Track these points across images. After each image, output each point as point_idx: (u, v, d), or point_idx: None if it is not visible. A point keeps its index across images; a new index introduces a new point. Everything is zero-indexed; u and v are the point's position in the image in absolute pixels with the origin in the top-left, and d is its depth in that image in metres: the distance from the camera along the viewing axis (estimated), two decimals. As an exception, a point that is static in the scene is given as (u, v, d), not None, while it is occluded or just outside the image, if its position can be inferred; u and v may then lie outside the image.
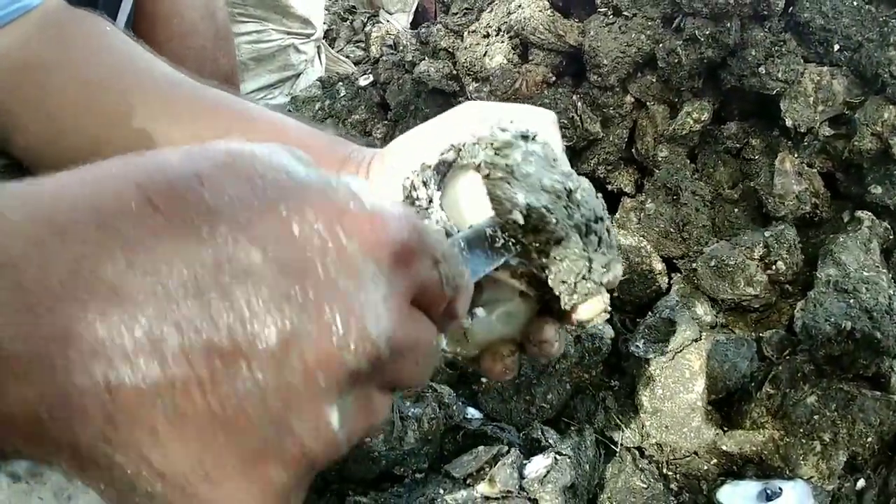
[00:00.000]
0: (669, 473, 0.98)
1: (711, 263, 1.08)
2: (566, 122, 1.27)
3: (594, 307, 0.50)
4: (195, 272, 0.27)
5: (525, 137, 0.50)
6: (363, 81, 1.96)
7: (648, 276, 1.14)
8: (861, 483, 0.92)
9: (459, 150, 0.50)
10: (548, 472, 0.79)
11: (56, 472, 0.71)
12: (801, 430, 0.93)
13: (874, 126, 1.12)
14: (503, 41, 1.40)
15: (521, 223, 0.45)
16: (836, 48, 1.20)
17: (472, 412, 1.05)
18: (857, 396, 0.93)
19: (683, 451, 0.98)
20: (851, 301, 0.92)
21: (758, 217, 1.20)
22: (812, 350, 0.95)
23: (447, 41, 1.55)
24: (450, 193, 0.51)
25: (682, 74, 1.23)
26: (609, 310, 0.51)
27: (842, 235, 1.05)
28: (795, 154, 1.19)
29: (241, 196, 0.29)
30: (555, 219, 0.46)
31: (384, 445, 0.90)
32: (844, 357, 0.93)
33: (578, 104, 1.28)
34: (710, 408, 1.01)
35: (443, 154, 0.51)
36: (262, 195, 0.29)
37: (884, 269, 1.01)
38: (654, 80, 1.28)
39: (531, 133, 0.51)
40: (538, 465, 0.80)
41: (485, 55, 1.41)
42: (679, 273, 1.18)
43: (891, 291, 0.95)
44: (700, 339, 1.03)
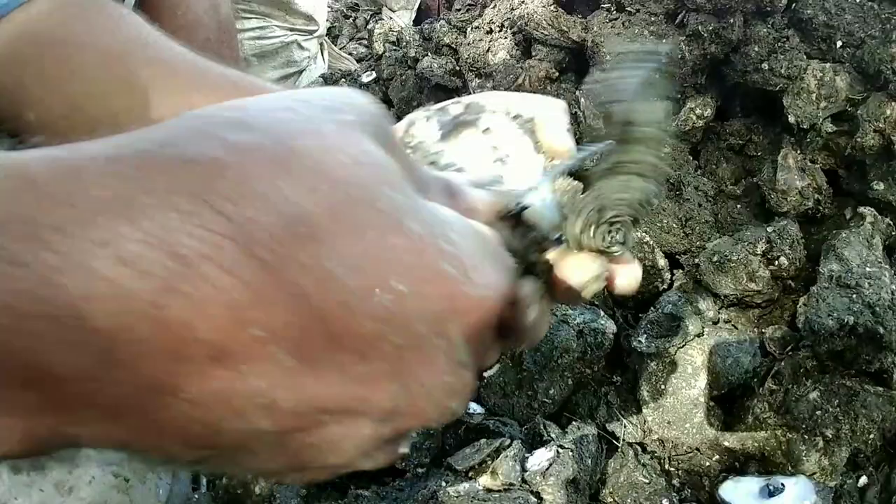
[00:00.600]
0: (671, 469, 0.98)
1: (714, 259, 1.08)
2: (569, 118, 1.27)
3: (587, 266, 0.41)
4: None
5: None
6: (366, 78, 1.96)
7: (651, 272, 1.14)
8: (863, 480, 0.91)
9: (467, 107, 0.50)
10: (550, 465, 0.79)
11: (56, 465, 0.71)
12: (804, 426, 0.92)
13: (877, 122, 1.12)
14: (506, 37, 1.40)
15: None
16: (839, 45, 1.20)
17: (474, 407, 1.05)
18: (860, 392, 0.93)
19: (685, 447, 0.98)
20: (854, 296, 0.92)
21: (760, 213, 1.20)
22: (814, 345, 0.95)
23: (450, 37, 1.55)
24: (452, 144, 0.51)
25: (685, 70, 1.23)
26: (601, 277, 0.42)
27: (844, 231, 1.04)
28: (798, 150, 1.19)
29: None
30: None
31: (386, 439, 0.90)
32: (847, 352, 0.93)
33: (581, 100, 1.28)
34: (713, 403, 1.01)
35: (451, 104, 0.51)
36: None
37: (886, 265, 1.00)
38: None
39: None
40: (540, 458, 0.80)
41: (488, 51, 1.41)
42: (682, 268, 1.17)
43: (893, 287, 0.95)
44: (702, 335, 1.03)
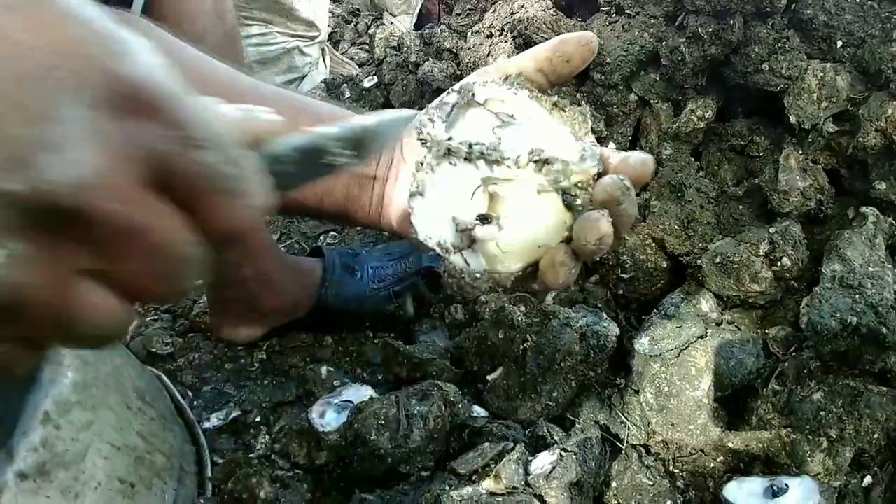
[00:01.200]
0: (675, 471, 0.98)
1: (717, 260, 1.08)
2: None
3: (608, 180, 0.50)
4: None
5: None
6: (367, 83, 1.97)
7: (654, 274, 1.14)
8: (868, 479, 0.91)
9: (459, 91, 0.54)
10: (553, 469, 0.79)
11: (62, 471, 0.71)
12: (808, 427, 0.92)
13: (878, 122, 1.12)
14: (507, 41, 1.41)
15: None
16: (840, 44, 1.20)
17: (478, 410, 1.05)
18: (864, 392, 0.93)
19: (690, 449, 0.98)
20: (857, 297, 0.92)
21: (762, 214, 1.20)
22: (818, 346, 0.95)
23: (451, 42, 1.55)
24: (460, 127, 0.54)
25: (686, 72, 1.23)
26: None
27: (847, 231, 1.04)
28: (800, 150, 1.19)
29: None
30: None
31: (390, 443, 0.91)
32: (850, 353, 0.93)
33: (582, 103, 1.29)
34: (717, 405, 1.01)
35: (445, 97, 0.55)
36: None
37: (889, 265, 1.00)
38: (658, 78, 1.28)
39: None
40: (543, 462, 0.80)
41: (488, 55, 1.42)
42: (684, 270, 1.17)
43: (896, 286, 0.95)
44: (705, 337, 1.03)
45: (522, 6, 1.34)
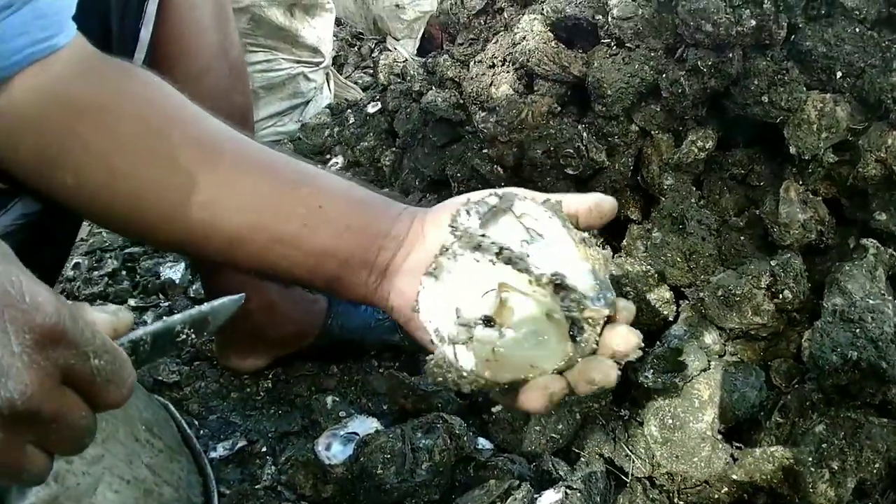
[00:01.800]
0: (680, 503, 0.99)
1: (718, 293, 1.09)
2: (572, 152, 1.28)
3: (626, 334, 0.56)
4: None
5: None
6: (371, 108, 1.99)
7: (656, 305, 1.15)
8: (870, 509, 0.92)
9: (501, 197, 0.58)
10: (558, 507, 0.80)
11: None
12: (811, 459, 0.93)
13: (878, 152, 1.13)
14: (508, 71, 1.42)
15: None
16: (839, 75, 1.20)
17: (483, 442, 1.06)
18: (865, 424, 0.94)
19: (694, 481, 0.99)
20: (857, 331, 0.93)
21: (764, 245, 1.21)
22: (819, 380, 0.96)
23: (453, 71, 1.57)
24: (492, 228, 0.58)
25: (686, 104, 1.24)
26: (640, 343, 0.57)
27: (847, 263, 1.05)
28: (800, 181, 1.19)
29: None
30: None
31: (396, 478, 0.91)
32: (851, 386, 0.94)
33: (584, 134, 1.30)
34: (720, 437, 1.01)
35: (487, 196, 0.59)
36: None
37: (889, 297, 1.01)
38: (658, 110, 1.29)
39: None
40: (549, 500, 0.81)
41: (490, 85, 1.43)
42: (686, 302, 1.18)
43: (896, 320, 0.96)
44: (709, 369, 1.04)
45: (524, 38, 1.35)
